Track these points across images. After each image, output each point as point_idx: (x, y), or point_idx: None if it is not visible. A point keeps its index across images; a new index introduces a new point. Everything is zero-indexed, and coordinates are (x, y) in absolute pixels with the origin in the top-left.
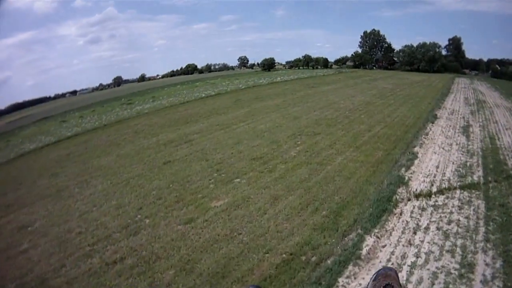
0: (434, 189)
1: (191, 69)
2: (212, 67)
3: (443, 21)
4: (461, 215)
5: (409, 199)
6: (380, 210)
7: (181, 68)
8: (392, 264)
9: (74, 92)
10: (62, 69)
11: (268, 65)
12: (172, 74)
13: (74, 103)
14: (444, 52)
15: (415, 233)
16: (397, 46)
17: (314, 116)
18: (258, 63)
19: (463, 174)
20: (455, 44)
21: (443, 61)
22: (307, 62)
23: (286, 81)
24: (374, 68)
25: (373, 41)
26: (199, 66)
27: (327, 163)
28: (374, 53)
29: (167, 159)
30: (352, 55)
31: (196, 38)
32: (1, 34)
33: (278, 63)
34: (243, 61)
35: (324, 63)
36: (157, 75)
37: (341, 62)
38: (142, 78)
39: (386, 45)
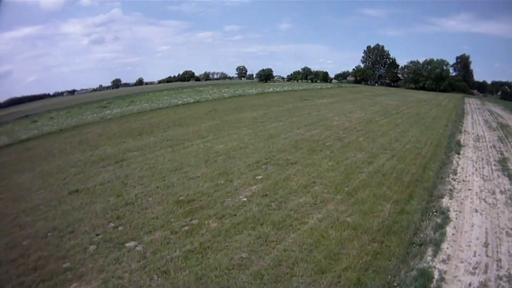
0: None
1: (188, 76)
2: (210, 76)
3: (446, 43)
4: None
5: None
6: None
7: (178, 75)
8: None
9: (72, 92)
10: (65, 67)
11: (265, 75)
12: (169, 80)
13: (64, 103)
14: (451, 71)
15: None
16: (401, 63)
17: (296, 135)
18: (256, 74)
19: None
20: (463, 62)
21: (451, 80)
22: (306, 75)
23: (278, 92)
24: (376, 84)
25: (377, 57)
26: (197, 74)
27: (291, 226)
28: (377, 69)
29: (79, 186)
30: (353, 69)
31: (200, 46)
32: (4, 27)
33: (278, 76)
34: (242, 71)
35: (323, 76)
36: (157, 80)
37: (342, 76)
38: (140, 82)
39: (390, 61)
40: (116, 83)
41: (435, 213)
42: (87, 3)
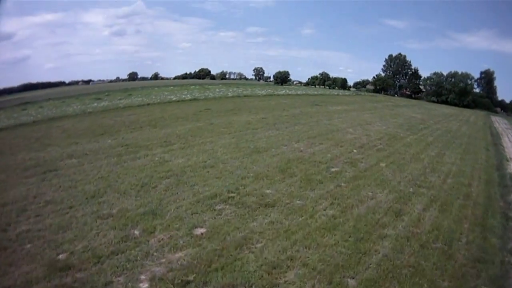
0: None
1: (203, 74)
2: (227, 75)
3: (467, 59)
4: None
5: None
6: None
7: (194, 72)
8: None
9: (88, 82)
10: (84, 56)
11: (282, 78)
12: (185, 76)
13: (72, 92)
14: (475, 86)
15: None
16: (422, 75)
17: (291, 151)
18: (272, 76)
19: None
20: (487, 78)
21: (474, 96)
22: (324, 80)
23: (289, 95)
24: (396, 95)
25: (398, 66)
26: (215, 73)
27: None
28: (398, 79)
29: None
30: (373, 78)
31: (221, 45)
32: (26, 11)
33: (297, 80)
34: (259, 73)
35: (342, 83)
36: (173, 76)
37: (361, 85)
38: (155, 77)
39: (411, 71)
40: (133, 76)
41: None
42: None
